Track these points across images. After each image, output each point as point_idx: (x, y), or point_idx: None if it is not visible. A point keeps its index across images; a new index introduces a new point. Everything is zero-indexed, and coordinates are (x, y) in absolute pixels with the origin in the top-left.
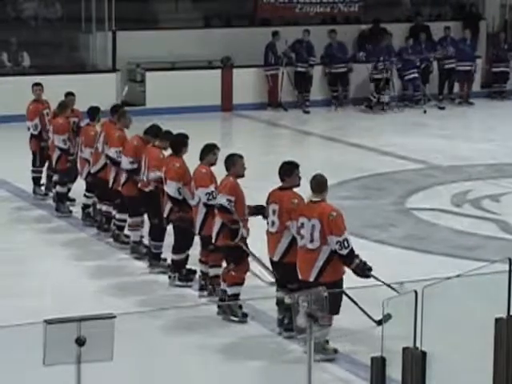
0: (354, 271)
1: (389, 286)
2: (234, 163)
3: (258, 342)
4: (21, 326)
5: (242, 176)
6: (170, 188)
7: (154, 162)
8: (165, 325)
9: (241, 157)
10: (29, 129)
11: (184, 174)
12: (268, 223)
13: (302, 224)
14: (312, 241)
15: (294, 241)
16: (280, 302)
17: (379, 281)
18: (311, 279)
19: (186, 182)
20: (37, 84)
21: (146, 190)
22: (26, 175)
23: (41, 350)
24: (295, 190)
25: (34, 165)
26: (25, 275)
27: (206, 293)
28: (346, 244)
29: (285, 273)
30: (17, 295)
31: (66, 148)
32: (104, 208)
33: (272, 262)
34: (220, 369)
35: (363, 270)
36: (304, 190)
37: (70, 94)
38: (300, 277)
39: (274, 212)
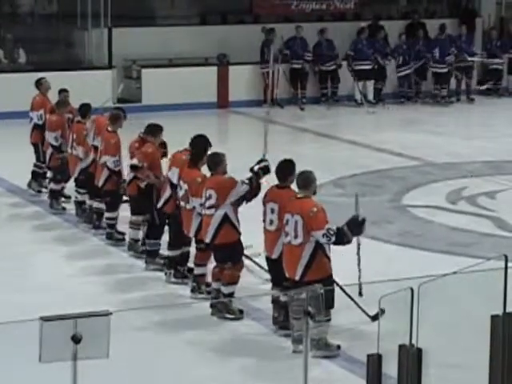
0: (353, 234)
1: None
2: (221, 162)
3: (254, 339)
4: (16, 323)
5: (225, 173)
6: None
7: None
8: (161, 322)
9: (224, 155)
10: (31, 120)
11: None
12: (265, 221)
13: (287, 221)
14: (296, 237)
15: None
16: (275, 301)
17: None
18: (297, 278)
19: None
20: (43, 78)
21: (142, 185)
22: (22, 172)
23: (37, 347)
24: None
25: (37, 159)
26: (20, 272)
27: (199, 296)
28: (331, 232)
29: (282, 271)
30: (12, 292)
31: (57, 145)
32: (95, 205)
33: (269, 260)
34: (215, 366)
35: (357, 227)
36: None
37: (64, 91)
38: (287, 275)
39: (272, 211)
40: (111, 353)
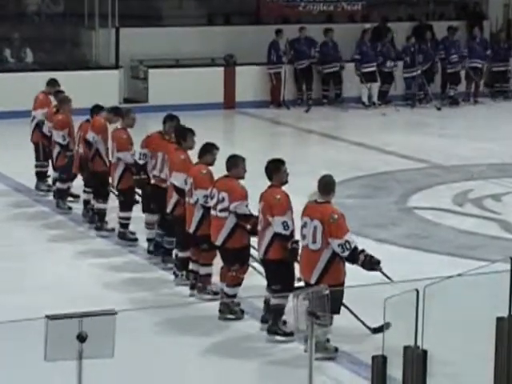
0: (362, 267)
1: (388, 278)
2: (237, 165)
3: (258, 340)
4: (22, 322)
5: (242, 178)
6: (178, 179)
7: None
8: (166, 322)
9: (243, 159)
10: (33, 118)
11: (188, 167)
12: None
13: (305, 223)
14: (314, 242)
15: (274, 237)
16: (268, 301)
17: (386, 277)
18: (312, 281)
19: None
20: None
21: (164, 185)
22: (28, 171)
23: (42, 346)
24: (283, 187)
25: (37, 159)
26: (26, 271)
27: (199, 294)
28: (347, 246)
29: (267, 270)
30: (18, 291)
31: (65, 144)
32: (96, 205)
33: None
34: (219, 367)
35: (370, 264)
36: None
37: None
38: (302, 277)
39: (259, 210)
40: (116, 352)
